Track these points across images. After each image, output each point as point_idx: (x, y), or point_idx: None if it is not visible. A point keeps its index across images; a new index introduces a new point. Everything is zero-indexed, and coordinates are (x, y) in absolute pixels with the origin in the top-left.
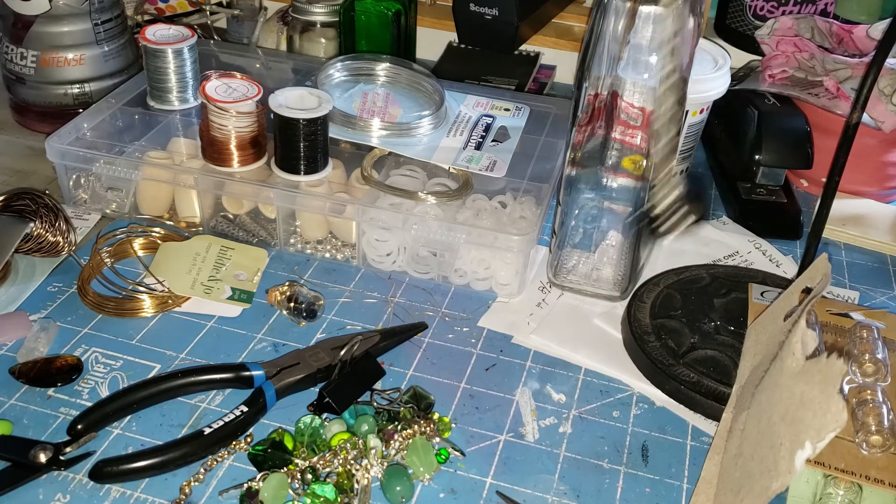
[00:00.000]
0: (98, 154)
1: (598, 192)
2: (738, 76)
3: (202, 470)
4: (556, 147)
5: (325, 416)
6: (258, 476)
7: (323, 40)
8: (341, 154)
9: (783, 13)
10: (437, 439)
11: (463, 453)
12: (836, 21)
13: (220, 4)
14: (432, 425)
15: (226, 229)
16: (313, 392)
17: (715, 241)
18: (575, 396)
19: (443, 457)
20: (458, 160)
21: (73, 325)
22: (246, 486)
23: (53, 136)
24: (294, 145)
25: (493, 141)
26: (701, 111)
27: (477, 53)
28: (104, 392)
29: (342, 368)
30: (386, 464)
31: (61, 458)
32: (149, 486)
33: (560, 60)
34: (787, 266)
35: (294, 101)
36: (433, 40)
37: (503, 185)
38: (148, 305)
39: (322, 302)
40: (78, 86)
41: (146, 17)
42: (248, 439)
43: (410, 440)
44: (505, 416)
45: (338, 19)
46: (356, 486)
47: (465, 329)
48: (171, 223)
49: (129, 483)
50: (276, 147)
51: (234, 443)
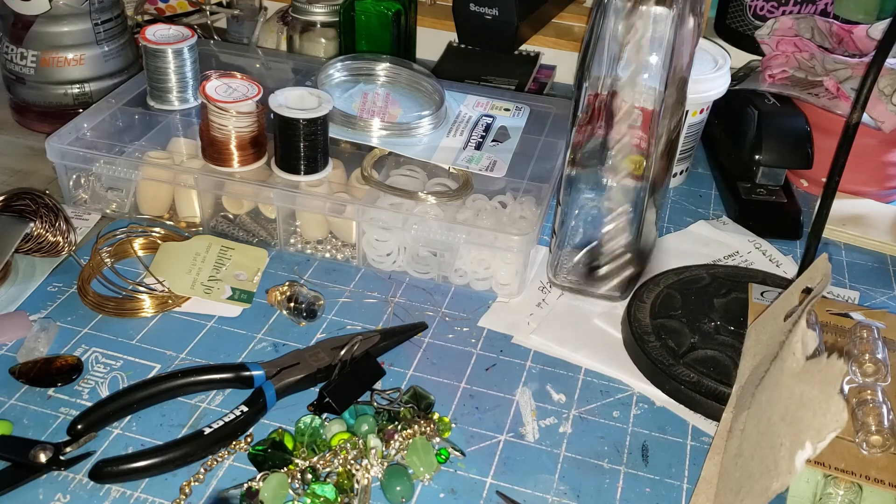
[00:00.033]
0: (98, 154)
1: (598, 192)
2: (738, 76)
3: (202, 470)
4: (556, 147)
5: (325, 416)
6: (258, 476)
7: (323, 40)
8: (341, 154)
9: (783, 13)
10: (437, 439)
11: (463, 453)
12: (836, 21)
13: (220, 4)
14: (432, 425)
15: (226, 229)
16: (313, 392)
17: (715, 241)
18: (575, 396)
19: (443, 457)
20: (458, 160)
21: (73, 325)
22: (246, 486)
23: (53, 136)
24: (294, 145)
25: (493, 141)
26: (701, 111)
27: (477, 53)
28: (104, 392)
29: (342, 368)
30: (386, 464)
31: (61, 458)
32: (149, 486)
33: (560, 60)
34: (787, 266)
35: (294, 101)
36: (433, 40)
37: (503, 185)
38: (148, 305)
39: (322, 302)
40: (78, 86)
41: (146, 17)
42: (248, 439)
43: (410, 440)
44: (505, 416)
45: (338, 19)
46: (356, 486)
47: (465, 329)
48: (171, 223)
49: (129, 483)
50: (276, 147)
51: (234, 443)
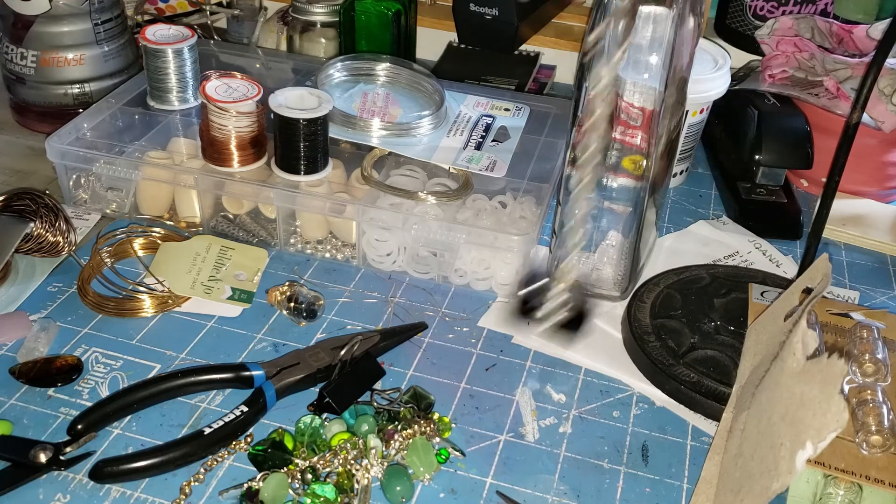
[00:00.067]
0: (98, 154)
1: (598, 192)
2: (738, 76)
3: (202, 470)
4: (556, 147)
5: (325, 416)
6: (258, 476)
7: (323, 40)
8: (341, 154)
9: (783, 13)
10: (437, 439)
11: (463, 453)
12: (836, 21)
13: (220, 4)
14: (432, 425)
15: (226, 229)
16: (313, 392)
17: (715, 241)
18: (575, 396)
19: (443, 457)
20: (458, 160)
21: (73, 325)
22: (246, 486)
23: (53, 136)
24: (294, 145)
25: (493, 141)
26: (701, 111)
27: (477, 53)
28: (104, 392)
29: (342, 368)
30: (386, 464)
31: (61, 458)
32: (149, 486)
33: (560, 60)
34: (787, 266)
35: (294, 101)
36: (433, 40)
37: (503, 185)
38: (148, 305)
39: (322, 302)
40: (78, 86)
41: (146, 17)
42: (248, 439)
43: (410, 440)
44: (505, 416)
45: (338, 19)
46: (356, 486)
47: (465, 329)
48: (171, 223)
49: (129, 483)
50: (276, 147)
51: (234, 443)
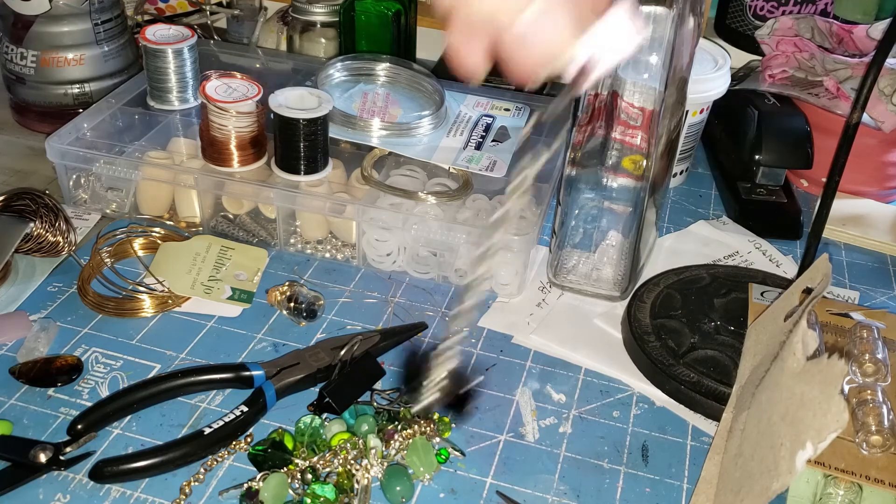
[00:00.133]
0: (98, 154)
1: (598, 192)
2: (738, 76)
3: (202, 470)
4: (556, 147)
5: (325, 416)
6: (258, 476)
7: (323, 40)
8: (341, 154)
9: (783, 13)
10: (437, 439)
11: (463, 453)
12: (836, 21)
13: (220, 4)
14: (432, 425)
15: (226, 229)
16: (313, 392)
17: (715, 241)
18: (575, 396)
19: (443, 457)
20: (458, 160)
21: (73, 325)
22: (246, 486)
23: (53, 136)
24: (294, 145)
25: (493, 141)
26: (701, 111)
27: None
28: (104, 392)
29: (342, 368)
30: (386, 464)
31: (61, 458)
32: (149, 486)
33: None
34: (787, 266)
35: (294, 101)
36: (433, 40)
37: (503, 185)
38: (148, 305)
39: (322, 302)
40: (78, 86)
41: (146, 17)
42: (248, 439)
43: (410, 440)
44: (505, 416)
45: (338, 19)
46: (356, 486)
47: (465, 329)
48: (171, 223)
49: (129, 483)
50: (276, 147)
51: (234, 443)
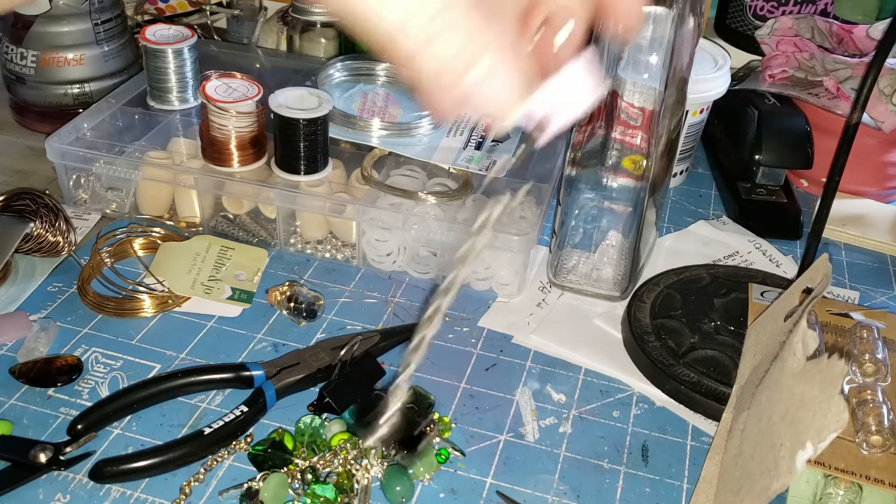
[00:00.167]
0: (98, 154)
1: (598, 192)
2: (738, 76)
3: (202, 470)
4: (557, 147)
5: (325, 416)
6: (258, 476)
7: (323, 40)
8: (341, 154)
9: (783, 13)
10: (437, 439)
11: (463, 453)
12: (836, 21)
13: (220, 4)
14: (432, 425)
15: (226, 229)
16: (313, 392)
17: (715, 241)
18: (575, 396)
19: (443, 457)
20: (458, 160)
21: (73, 325)
22: (246, 486)
23: (53, 136)
24: (294, 145)
25: (493, 141)
26: (701, 111)
27: None
28: (104, 392)
29: (342, 368)
30: (386, 464)
31: (61, 458)
32: (149, 486)
33: None
34: (787, 266)
35: (294, 101)
36: None
37: (503, 184)
38: (148, 305)
39: (322, 302)
40: (78, 86)
41: (146, 17)
42: (248, 439)
43: None
44: (505, 416)
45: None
46: (356, 486)
47: (465, 329)
48: (171, 223)
49: (129, 483)
50: (276, 147)
51: (234, 443)
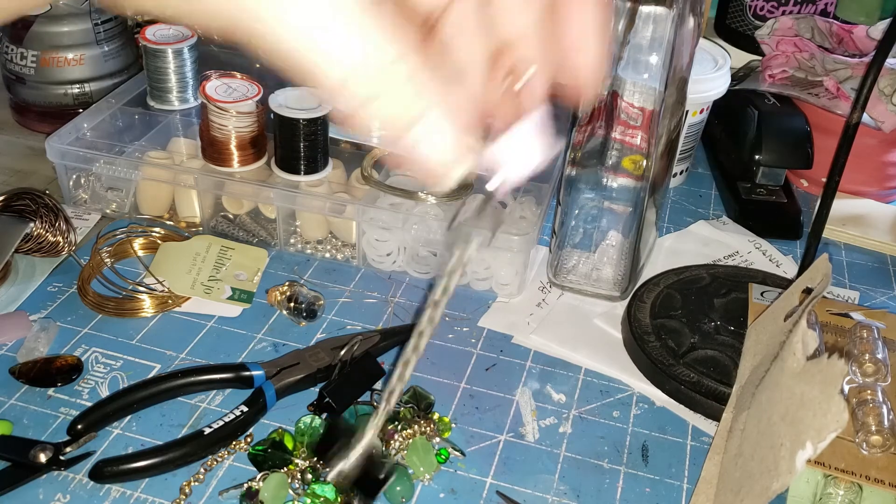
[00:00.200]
0: (98, 154)
1: (598, 192)
2: (738, 76)
3: (202, 470)
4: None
5: (325, 416)
6: (258, 476)
7: None
8: (341, 154)
9: (783, 13)
10: (437, 439)
11: (463, 453)
12: (836, 21)
13: None
14: (432, 425)
15: (226, 229)
16: (313, 392)
17: (715, 241)
18: (575, 396)
19: (443, 457)
20: None
21: (73, 325)
22: (246, 486)
23: (53, 136)
24: (294, 145)
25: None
26: (701, 111)
27: None
28: (104, 392)
29: (342, 368)
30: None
31: (61, 458)
32: (149, 486)
33: None
34: (787, 266)
35: (294, 101)
36: None
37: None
38: (148, 305)
39: (322, 302)
40: (78, 86)
41: (146, 17)
42: (248, 439)
43: (410, 440)
44: (505, 416)
45: None
46: None
47: (465, 329)
48: (171, 223)
49: (129, 483)
50: (276, 147)
51: (234, 443)
